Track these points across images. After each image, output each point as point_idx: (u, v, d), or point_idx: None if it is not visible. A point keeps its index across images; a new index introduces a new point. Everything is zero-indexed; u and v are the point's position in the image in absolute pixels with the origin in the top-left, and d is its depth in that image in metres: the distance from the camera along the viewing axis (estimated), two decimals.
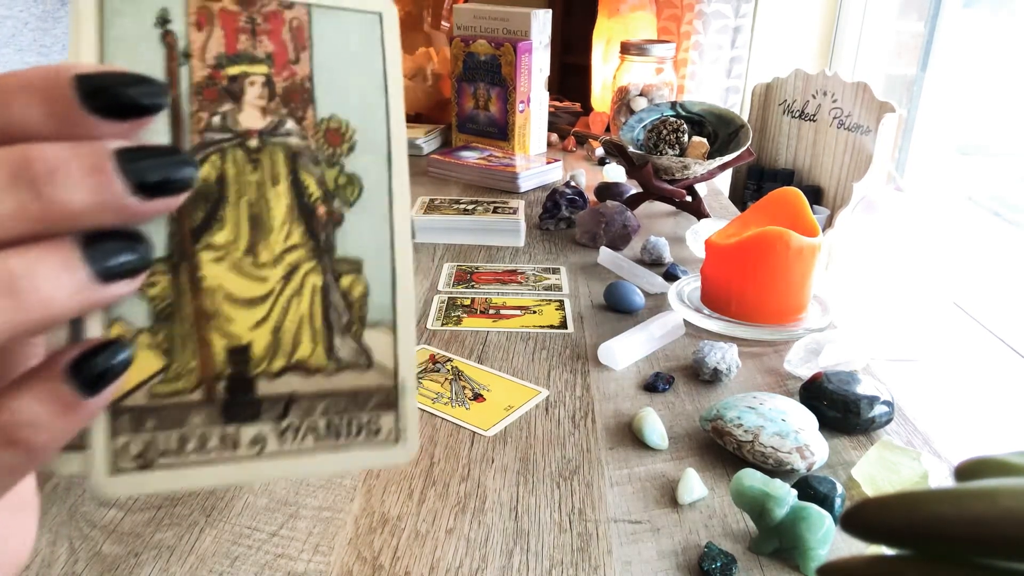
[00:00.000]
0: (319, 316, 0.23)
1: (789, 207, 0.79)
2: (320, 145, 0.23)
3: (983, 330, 1.62)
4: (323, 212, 0.23)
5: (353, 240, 0.24)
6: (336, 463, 0.24)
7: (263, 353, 0.23)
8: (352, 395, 0.24)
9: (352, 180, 0.23)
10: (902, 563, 0.20)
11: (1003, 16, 1.98)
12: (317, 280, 0.23)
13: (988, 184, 2.00)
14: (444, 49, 1.65)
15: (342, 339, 0.24)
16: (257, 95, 0.22)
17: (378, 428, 0.24)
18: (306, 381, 0.23)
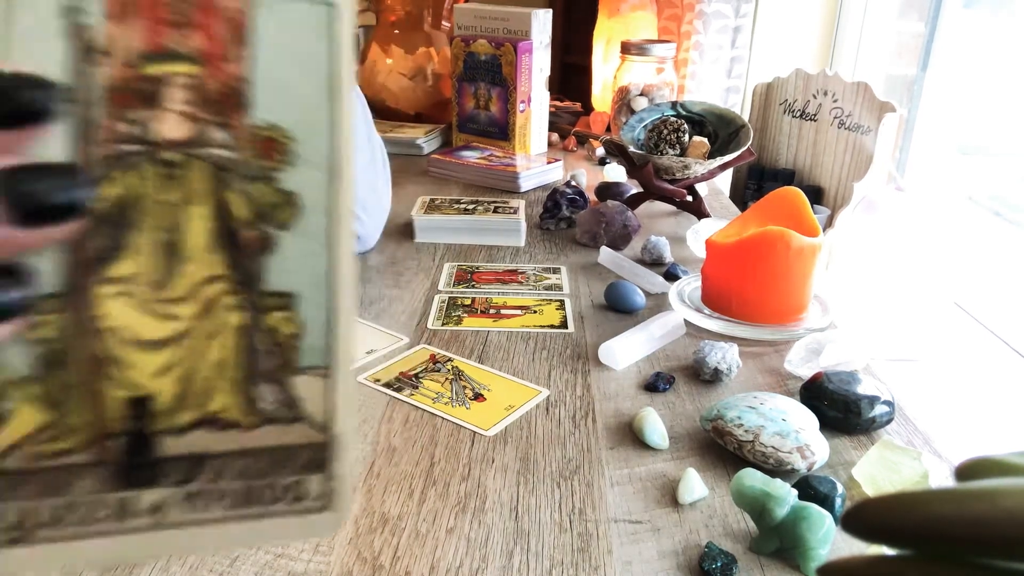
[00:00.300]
0: (238, 361, 0.20)
1: (789, 207, 0.79)
2: (251, 157, 0.20)
3: (983, 330, 1.62)
4: (250, 237, 0.20)
5: (285, 270, 0.20)
6: (248, 535, 0.21)
7: (169, 405, 0.20)
8: (273, 454, 0.21)
9: (289, 199, 0.20)
10: (902, 563, 0.20)
11: (1003, 16, 1.98)
12: (238, 318, 0.20)
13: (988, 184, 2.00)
14: (445, 49, 1.65)
15: (265, 388, 0.20)
16: (181, 99, 0.19)
17: (303, 493, 0.21)
18: (219, 438, 0.20)
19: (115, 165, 0.18)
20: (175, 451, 0.20)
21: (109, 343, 0.19)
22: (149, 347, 0.19)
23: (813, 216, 0.77)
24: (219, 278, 0.20)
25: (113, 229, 0.18)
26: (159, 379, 0.19)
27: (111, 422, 0.19)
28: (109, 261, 0.19)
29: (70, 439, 0.19)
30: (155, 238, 0.19)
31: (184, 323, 0.19)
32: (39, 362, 0.18)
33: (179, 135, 0.19)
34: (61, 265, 0.18)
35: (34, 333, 0.18)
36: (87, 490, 0.19)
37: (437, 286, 0.87)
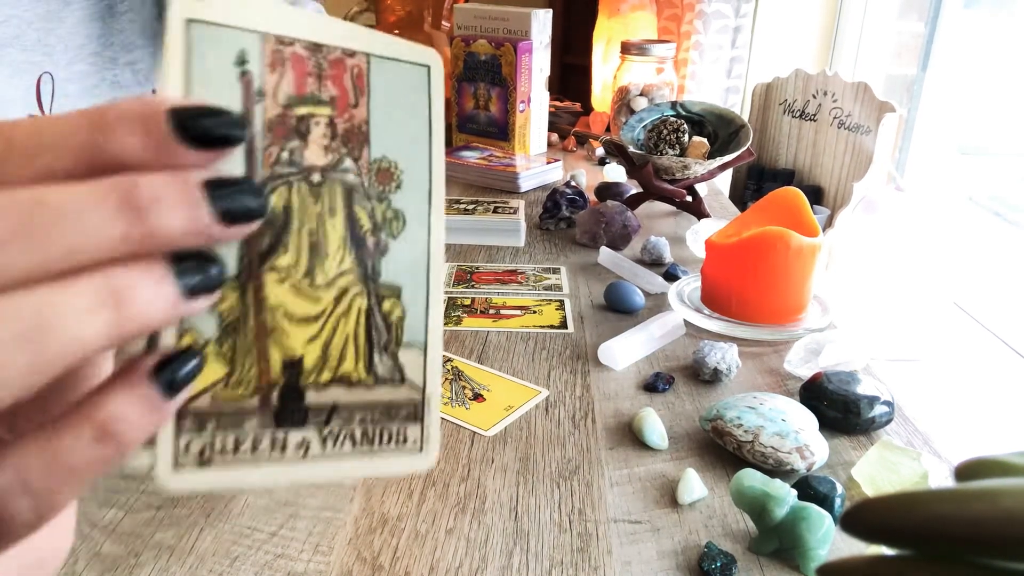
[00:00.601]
0: (363, 335, 0.26)
1: (789, 207, 0.79)
2: (372, 182, 0.25)
3: (983, 330, 1.62)
4: (372, 243, 0.25)
5: (395, 268, 0.26)
6: (368, 468, 0.26)
7: (313, 366, 0.25)
8: (386, 407, 0.26)
9: (398, 215, 0.26)
10: (902, 563, 0.20)
11: (1003, 17, 1.98)
12: (363, 303, 0.25)
13: (988, 184, 2.00)
14: (445, 49, 1.65)
15: (380, 357, 0.26)
16: (321, 134, 0.24)
17: (405, 437, 0.26)
18: (348, 393, 0.25)
19: (276, 182, 0.24)
20: (316, 402, 0.25)
21: (272, 317, 0.24)
22: (301, 321, 0.24)
23: (813, 216, 0.77)
24: (349, 272, 0.25)
25: (275, 231, 0.24)
26: (307, 346, 0.25)
27: (272, 377, 0.24)
28: (273, 255, 0.24)
29: (241, 388, 0.24)
30: (305, 239, 0.24)
31: (325, 305, 0.25)
32: (221, 328, 0.23)
33: (320, 162, 0.24)
34: (239, 256, 0.23)
35: (219, 306, 0.23)
36: (252, 428, 0.24)
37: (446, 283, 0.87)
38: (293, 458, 0.25)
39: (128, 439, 0.20)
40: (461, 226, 1.02)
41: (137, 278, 0.19)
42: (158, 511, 0.50)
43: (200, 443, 0.23)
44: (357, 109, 0.25)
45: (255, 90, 0.23)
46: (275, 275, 0.24)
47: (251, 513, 0.50)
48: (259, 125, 0.23)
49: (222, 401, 0.23)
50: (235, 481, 0.24)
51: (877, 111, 1.51)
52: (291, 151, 0.24)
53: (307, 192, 0.24)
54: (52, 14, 0.61)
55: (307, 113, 0.24)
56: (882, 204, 1.57)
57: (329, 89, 0.24)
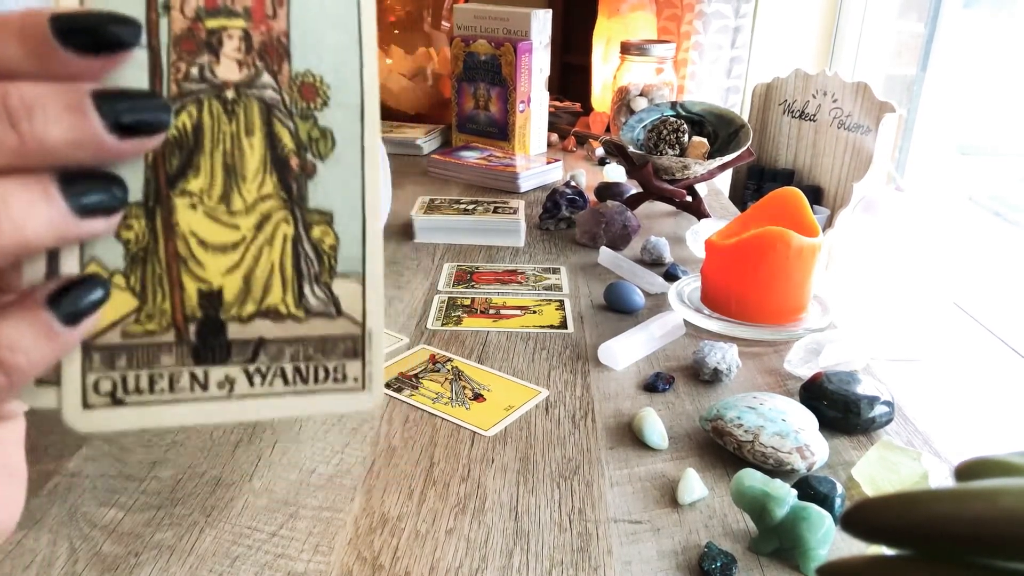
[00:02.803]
0: (289, 265, 0.24)
1: (789, 207, 0.79)
2: (294, 99, 0.23)
3: (983, 330, 1.62)
4: (296, 164, 0.24)
5: (324, 192, 0.24)
6: (302, 407, 0.25)
7: (234, 298, 0.24)
8: (320, 342, 0.25)
9: (325, 134, 0.24)
10: (902, 563, 0.20)
11: (1003, 17, 1.98)
12: (288, 230, 0.24)
13: (988, 184, 2.00)
14: (444, 49, 1.65)
15: (311, 288, 0.24)
16: (235, 48, 0.23)
17: (344, 375, 0.25)
18: (276, 327, 0.24)
19: (185, 99, 0.22)
20: (240, 336, 0.24)
21: (184, 245, 0.23)
22: (217, 250, 0.23)
23: (813, 216, 0.77)
24: (271, 196, 0.24)
25: (185, 152, 0.22)
26: (226, 276, 0.23)
27: (188, 310, 0.23)
28: (183, 178, 0.22)
29: (154, 322, 0.23)
30: (219, 161, 0.23)
31: (244, 232, 0.23)
32: (129, 258, 0.22)
33: (234, 77, 0.23)
34: (145, 179, 0.22)
35: (125, 234, 0.22)
36: (169, 364, 0.23)
37: (437, 286, 0.87)
38: (216, 396, 0.23)
39: (19, 366, 0.19)
40: (461, 226, 1.02)
41: (13, 190, 0.18)
42: (158, 511, 0.50)
43: (110, 381, 0.22)
44: (275, 20, 0.23)
45: (160, 3, 0.21)
46: (186, 200, 0.22)
47: (251, 513, 0.50)
48: (165, 39, 0.22)
49: (133, 336, 0.22)
50: (152, 420, 0.23)
51: (877, 111, 1.51)
52: (201, 67, 0.22)
53: (220, 110, 0.23)
54: None
55: (219, 26, 0.22)
56: (882, 204, 1.57)
57: (243, 0, 0.22)
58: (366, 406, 0.26)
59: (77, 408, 0.22)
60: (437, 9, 1.64)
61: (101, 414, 0.22)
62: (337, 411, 0.26)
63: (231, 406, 0.24)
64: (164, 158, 0.22)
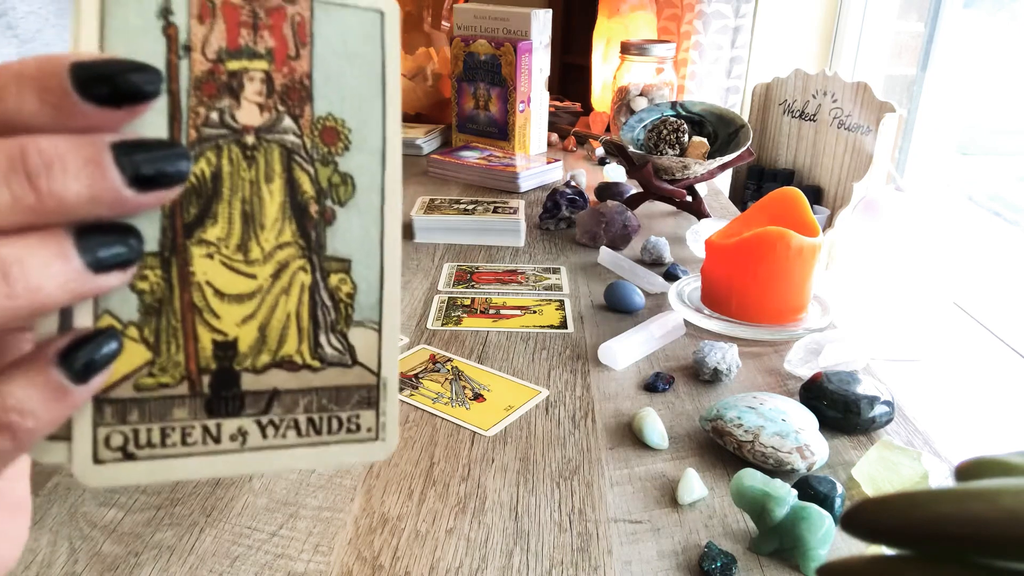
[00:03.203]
0: (306, 314, 0.23)
1: (789, 207, 0.79)
2: (315, 143, 0.23)
3: (983, 330, 1.62)
4: (315, 210, 0.23)
5: (343, 239, 0.23)
6: (315, 458, 0.24)
7: (249, 348, 0.23)
8: (335, 392, 0.24)
9: (345, 179, 0.23)
10: (902, 563, 0.20)
11: (1003, 17, 1.98)
12: (306, 278, 0.23)
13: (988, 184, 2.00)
14: (444, 49, 1.65)
15: (327, 337, 0.24)
16: (256, 91, 0.22)
17: (358, 425, 0.25)
18: (290, 377, 0.24)
19: (203, 145, 0.21)
20: (254, 387, 0.23)
21: (200, 295, 0.22)
22: (233, 300, 0.23)
23: (813, 216, 0.77)
24: (290, 244, 0.23)
25: (203, 200, 0.22)
26: (241, 327, 0.23)
27: (202, 361, 0.22)
28: (200, 226, 0.22)
29: (167, 374, 0.22)
30: (237, 208, 0.22)
31: (261, 281, 0.23)
32: (143, 309, 0.21)
33: (255, 122, 0.22)
34: (162, 228, 0.21)
35: (139, 284, 0.21)
36: (181, 418, 0.22)
37: (437, 286, 0.87)
38: (229, 449, 0.23)
39: (27, 428, 0.18)
40: (461, 226, 1.02)
41: (28, 250, 0.17)
42: (158, 511, 0.50)
43: (122, 435, 0.22)
44: (298, 61, 0.22)
45: (180, 44, 0.21)
46: (203, 249, 0.22)
47: (251, 513, 0.50)
48: (184, 83, 0.21)
49: (146, 389, 0.22)
50: (164, 474, 0.22)
51: (877, 111, 1.51)
52: (221, 111, 0.22)
53: (239, 156, 0.22)
54: (64, 11, 0.61)
55: (240, 68, 0.22)
56: (882, 204, 1.57)
57: (266, 40, 0.22)
58: (379, 456, 0.25)
59: (88, 463, 0.21)
60: (437, 9, 1.64)
61: (112, 469, 0.22)
62: (350, 462, 0.25)
63: (243, 459, 0.23)
64: (181, 207, 0.21)
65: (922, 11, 1.89)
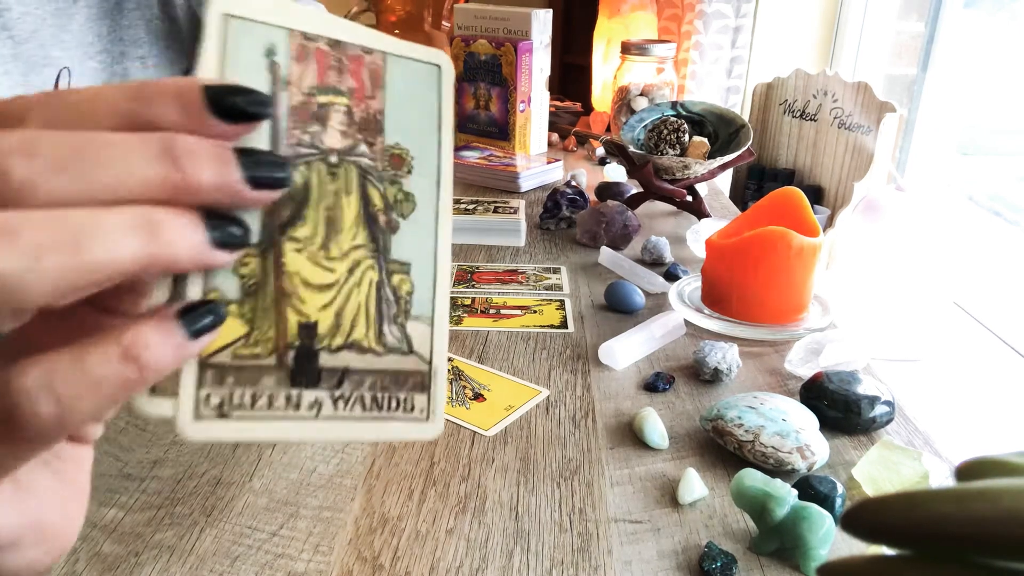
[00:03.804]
0: (373, 305, 0.27)
1: (790, 207, 0.79)
2: (385, 166, 0.27)
3: (983, 330, 1.62)
4: (383, 221, 0.27)
5: (404, 246, 0.28)
6: (375, 431, 0.28)
7: (327, 331, 0.27)
8: (394, 375, 0.28)
9: (408, 197, 0.28)
10: (902, 563, 0.20)
11: (1003, 17, 1.98)
12: (374, 276, 0.27)
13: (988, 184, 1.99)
14: (445, 49, 1.65)
15: (390, 327, 0.28)
16: (339, 121, 0.26)
17: (412, 406, 0.28)
18: (359, 359, 0.27)
19: (298, 161, 0.26)
20: (329, 364, 0.27)
21: (290, 283, 0.26)
22: (316, 289, 0.26)
23: (813, 216, 0.77)
24: (362, 247, 0.27)
25: (295, 205, 0.26)
26: (321, 312, 0.26)
27: (289, 338, 0.26)
28: (293, 226, 0.26)
29: (260, 347, 0.25)
30: (322, 214, 0.26)
31: (339, 275, 0.27)
32: (243, 290, 0.25)
33: (338, 145, 0.26)
34: (263, 225, 0.25)
35: (242, 269, 0.25)
36: (268, 385, 0.26)
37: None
38: (306, 416, 0.26)
39: (150, 365, 0.22)
40: (461, 226, 1.02)
41: (172, 216, 0.22)
42: (158, 511, 0.50)
43: (219, 396, 0.25)
44: (373, 100, 0.27)
45: (281, 78, 0.25)
46: (294, 245, 0.26)
47: (251, 513, 0.50)
48: (284, 109, 0.25)
49: (241, 358, 0.25)
50: (250, 434, 0.26)
51: (877, 111, 1.51)
52: (312, 134, 0.26)
53: (325, 172, 0.26)
54: (62, 11, 0.62)
55: (327, 101, 0.26)
56: (882, 204, 1.57)
57: (348, 81, 0.26)
58: (429, 435, 0.29)
59: (189, 418, 0.24)
60: (437, 9, 1.64)
61: (208, 425, 0.25)
62: (404, 438, 0.28)
63: (317, 426, 0.26)
64: (278, 209, 0.25)
65: (922, 11, 1.89)
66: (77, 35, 0.63)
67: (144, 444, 0.56)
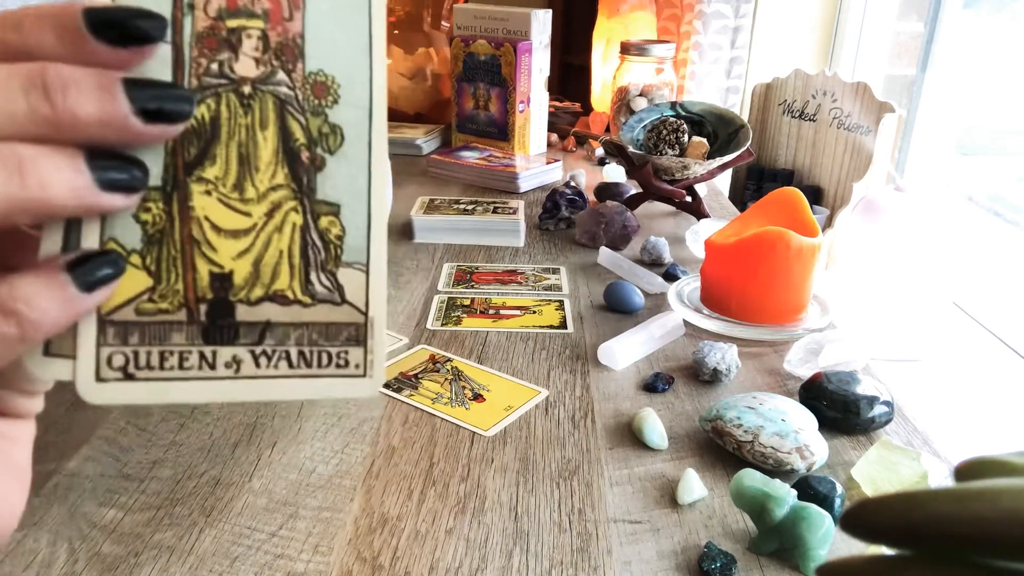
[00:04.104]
0: (297, 252, 0.25)
1: (789, 207, 0.79)
2: (307, 96, 0.25)
3: (983, 330, 1.62)
4: (306, 157, 0.25)
5: (332, 185, 0.25)
6: (305, 389, 0.26)
7: (243, 281, 0.25)
8: (324, 328, 0.26)
9: (334, 130, 0.25)
10: (902, 563, 0.20)
11: (1003, 17, 1.98)
12: (297, 219, 0.25)
13: (988, 184, 2.00)
14: (444, 49, 1.65)
15: (318, 275, 0.25)
16: (253, 47, 0.24)
17: (347, 361, 0.26)
18: (282, 311, 0.25)
19: (204, 93, 0.23)
20: (248, 318, 0.25)
21: (199, 229, 0.24)
22: (230, 235, 0.24)
23: (812, 216, 0.77)
24: (282, 186, 0.25)
25: (203, 141, 0.23)
26: (237, 261, 0.24)
27: (199, 290, 0.24)
28: (200, 166, 0.23)
29: (167, 301, 0.24)
30: (234, 151, 0.24)
31: (256, 219, 0.24)
32: (146, 238, 0.23)
33: (252, 74, 0.24)
34: (164, 165, 0.23)
35: (143, 215, 0.23)
36: (179, 343, 0.24)
37: (436, 286, 0.87)
38: (224, 375, 0.24)
39: (31, 321, 0.20)
40: (461, 226, 1.02)
41: (44, 154, 0.19)
42: (157, 511, 0.50)
43: (123, 356, 0.23)
44: (291, 22, 0.24)
45: (184, 2, 0.23)
46: (202, 186, 0.24)
47: (251, 513, 0.50)
48: (188, 36, 0.23)
49: (146, 313, 0.23)
50: (160, 396, 0.24)
51: (877, 111, 1.51)
52: (221, 63, 0.23)
53: (236, 103, 0.24)
54: None
55: (238, 26, 0.24)
56: (882, 204, 1.57)
57: (262, 2, 0.24)
58: (366, 392, 0.26)
59: (90, 380, 0.23)
60: (437, 9, 1.64)
61: (112, 387, 0.23)
62: (338, 395, 0.26)
63: (237, 386, 0.25)
64: (183, 146, 0.23)
65: (922, 11, 1.89)
66: None
67: (143, 444, 0.56)
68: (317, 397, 0.26)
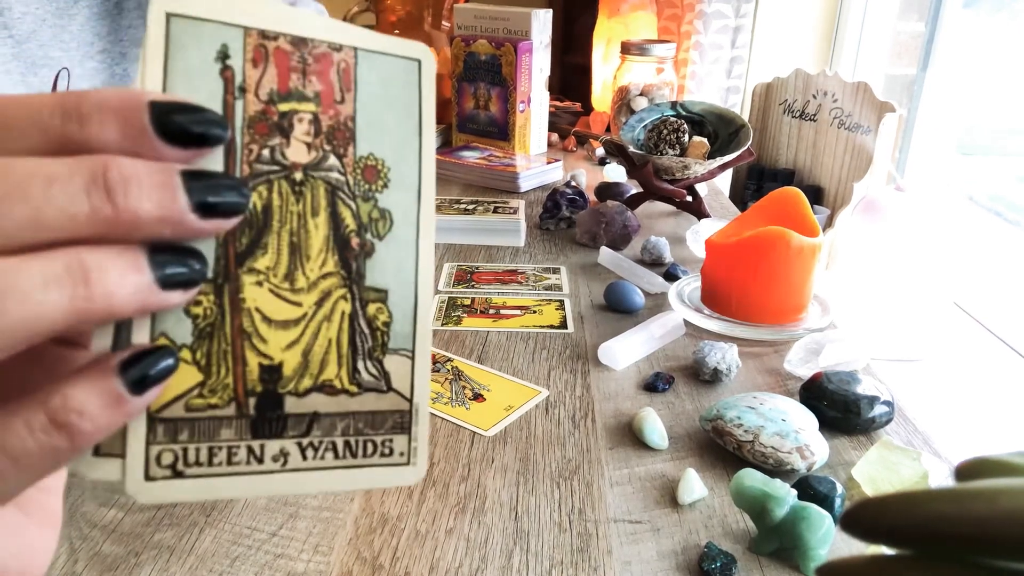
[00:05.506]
0: (346, 340, 0.24)
1: (789, 207, 0.79)
2: (358, 181, 0.24)
3: (983, 330, 1.62)
4: (356, 243, 0.24)
5: (381, 271, 0.25)
6: (351, 480, 0.25)
7: (293, 373, 0.24)
8: (370, 416, 0.25)
9: (384, 214, 0.25)
10: (902, 563, 0.20)
11: (1003, 17, 1.98)
12: (347, 307, 0.24)
13: (988, 184, 2.00)
14: (444, 49, 1.65)
15: (365, 363, 0.25)
16: (304, 131, 0.23)
17: (391, 449, 0.25)
18: (329, 401, 0.24)
19: (256, 180, 0.23)
20: (296, 410, 0.24)
21: (249, 321, 0.23)
22: (279, 326, 0.23)
23: (813, 216, 0.77)
24: (332, 274, 0.24)
25: (254, 231, 0.23)
26: (286, 352, 0.24)
27: (249, 384, 0.23)
28: (251, 256, 0.23)
29: (216, 396, 0.23)
30: (285, 240, 0.23)
31: (306, 308, 0.24)
32: (196, 332, 0.22)
33: (303, 159, 0.23)
34: (216, 256, 0.22)
35: (194, 309, 0.22)
36: (227, 438, 0.23)
37: (437, 286, 0.87)
38: (271, 469, 0.24)
39: (83, 432, 0.19)
40: (461, 226, 1.02)
41: (109, 258, 0.19)
42: (158, 511, 0.50)
43: (172, 453, 0.22)
44: (343, 105, 0.24)
45: (236, 86, 0.22)
46: (253, 277, 0.23)
47: (251, 513, 0.50)
48: (239, 122, 0.22)
49: (196, 409, 0.23)
50: (210, 492, 0.23)
51: (877, 111, 1.51)
52: (272, 148, 0.23)
53: (288, 191, 0.23)
54: (63, 11, 0.62)
55: (290, 109, 0.23)
56: (882, 204, 1.57)
57: (314, 84, 0.23)
58: (410, 480, 0.26)
59: (140, 480, 0.22)
60: (437, 9, 1.64)
61: (162, 486, 0.22)
62: (383, 485, 0.26)
63: (284, 479, 0.24)
64: (234, 236, 0.22)
65: (922, 11, 1.89)
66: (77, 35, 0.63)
67: None
68: (361, 488, 0.25)
